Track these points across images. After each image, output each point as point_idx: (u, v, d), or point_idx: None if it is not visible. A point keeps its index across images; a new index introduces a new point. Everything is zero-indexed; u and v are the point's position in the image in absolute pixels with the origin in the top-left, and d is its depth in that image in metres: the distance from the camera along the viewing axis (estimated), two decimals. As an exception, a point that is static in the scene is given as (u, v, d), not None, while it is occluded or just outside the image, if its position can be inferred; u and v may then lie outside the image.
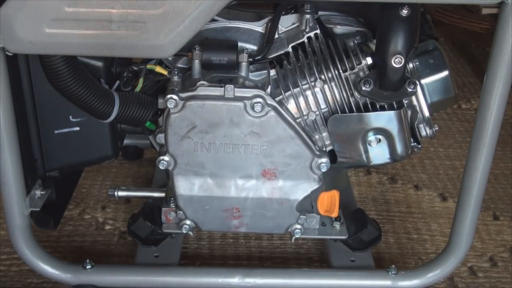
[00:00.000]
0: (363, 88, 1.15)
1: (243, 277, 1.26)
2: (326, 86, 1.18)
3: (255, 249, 1.51)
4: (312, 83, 1.17)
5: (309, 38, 1.20)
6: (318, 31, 1.20)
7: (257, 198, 1.20)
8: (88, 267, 1.25)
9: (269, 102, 1.13)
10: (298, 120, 1.17)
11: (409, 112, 1.20)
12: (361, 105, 1.17)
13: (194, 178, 1.18)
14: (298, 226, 1.24)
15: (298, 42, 1.20)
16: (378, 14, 1.12)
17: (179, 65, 1.21)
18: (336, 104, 1.18)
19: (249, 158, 1.16)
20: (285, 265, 1.46)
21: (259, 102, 1.11)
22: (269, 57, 1.19)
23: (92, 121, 1.18)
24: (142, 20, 0.97)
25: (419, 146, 1.23)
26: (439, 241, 1.55)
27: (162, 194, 1.28)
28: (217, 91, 1.12)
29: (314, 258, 1.48)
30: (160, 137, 1.17)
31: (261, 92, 1.12)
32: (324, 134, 1.19)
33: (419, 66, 1.20)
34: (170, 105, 1.11)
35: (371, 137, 1.18)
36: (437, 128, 1.22)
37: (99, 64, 1.17)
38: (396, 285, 1.27)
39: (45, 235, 1.51)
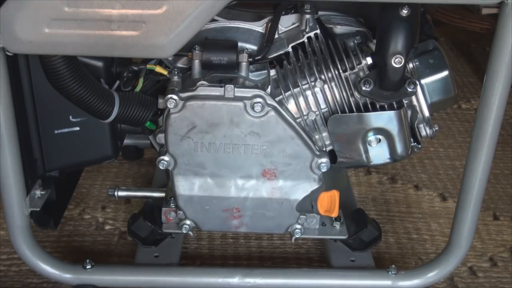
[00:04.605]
0: (363, 88, 1.15)
1: (243, 277, 1.26)
2: (326, 86, 1.18)
3: (255, 249, 1.51)
4: (312, 83, 1.17)
5: (309, 38, 1.20)
6: (318, 31, 1.20)
7: (257, 198, 1.20)
8: (88, 267, 1.25)
9: (269, 102, 1.13)
10: (298, 120, 1.17)
11: (409, 112, 1.20)
12: (361, 105, 1.17)
13: (194, 178, 1.18)
14: (298, 226, 1.24)
15: (298, 42, 1.20)
16: (378, 14, 1.12)
17: (179, 65, 1.21)
18: (336, 104, 1.18)
19: (249, 158, 1.16)
20: (285, 265, 1.46)
21: (259, 102, 1.11)
22: (269, 57, 1.19)
23: (92, 121, 1.18)
24: (142, 20, 0.97)
25: (419, 146, 1.23)
26: (439, 241, 1.55)
27: (162, 194, 1.29)
28: (217, 91, 1.12)
29: (314, 258, 1.48)
30: (160, 137, 1.17)
31: (261, 92, 1.12)
32: (324, 134, 1.19)
33: (419, 66, 1.20)
34: (170, 105, 1.11)
35: (371, 137, 1.18)
36: (437, 128, 1.22)
37: (99, 64, 1.17)
38: (396, 285, 1.27)
39: (45, 235, 1.51)
